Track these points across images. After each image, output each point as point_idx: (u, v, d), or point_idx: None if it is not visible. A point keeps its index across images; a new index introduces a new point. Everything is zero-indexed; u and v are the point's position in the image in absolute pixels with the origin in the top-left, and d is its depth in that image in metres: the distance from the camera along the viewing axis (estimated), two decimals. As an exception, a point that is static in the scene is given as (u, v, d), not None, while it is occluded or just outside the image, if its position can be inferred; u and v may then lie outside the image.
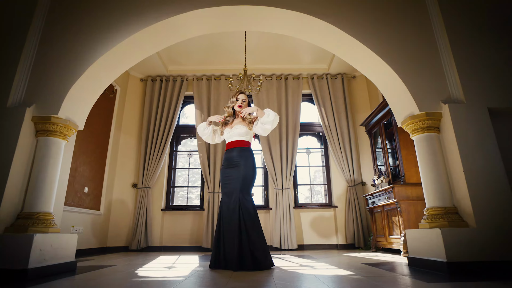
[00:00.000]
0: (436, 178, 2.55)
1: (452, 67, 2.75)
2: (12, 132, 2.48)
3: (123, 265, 3.00)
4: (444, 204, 2.48)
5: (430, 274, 2.15)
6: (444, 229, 2.27)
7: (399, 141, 3.95)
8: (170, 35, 3.12)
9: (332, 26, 2.96)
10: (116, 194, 5.32)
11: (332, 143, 5.54)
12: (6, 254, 2.17)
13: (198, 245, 5.16)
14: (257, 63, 5.89)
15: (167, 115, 5.68)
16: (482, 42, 2.81)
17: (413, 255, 2.60)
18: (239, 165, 2.79)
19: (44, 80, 2.73)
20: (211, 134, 3.03)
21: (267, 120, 2.76)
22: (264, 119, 2.77)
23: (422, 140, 2.68)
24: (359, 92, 6.02)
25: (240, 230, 2.57)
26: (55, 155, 2.63)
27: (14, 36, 2.80)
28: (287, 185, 5.32)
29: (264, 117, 2.77)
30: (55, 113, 2.63)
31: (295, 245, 5.01)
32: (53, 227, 2.48)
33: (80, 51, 2.84)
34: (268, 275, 2.27)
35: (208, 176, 5.35)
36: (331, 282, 1.94)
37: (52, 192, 2.57)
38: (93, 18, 2.97)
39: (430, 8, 3.00)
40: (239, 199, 2.67)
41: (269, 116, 2.75)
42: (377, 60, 2.88)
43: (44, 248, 2.30)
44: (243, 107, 2.97)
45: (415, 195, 3.67)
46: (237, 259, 2.48)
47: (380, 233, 4.26)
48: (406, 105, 2.81)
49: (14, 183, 2.42)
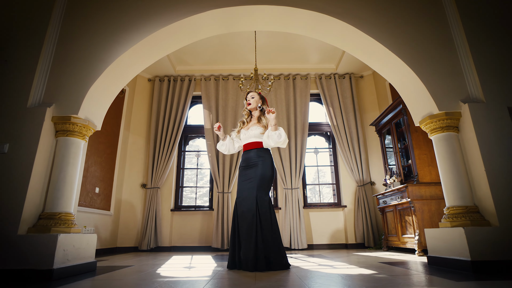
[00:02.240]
0: (456, 177, 2.56)
1: (470, 66, 2.76)
2: (33, 132, 2.47)
3: (141, 265, 3.00)
4: (465, 203, 2.49)
5: (454, 273, 2.15)
6: (467, 228, 2.27)
7: (411, 140, 3.96)
8: (186, 35, 3.12)
9: (348, 25, 2.96)
10: (125, 195, 5.31)
11: (340, 143, 5.55)
12: (30, 254, 2.17)
13: (208, 245, 5.16)
14: (265, 62, 5.89)
15: (175, 115, 5.68)
16: (500, 40, 2.82)
17: (433, 254, 2.61)
18: (257, 165, 2.79)
19: (62, 80, 2.72)
20: (231, 144, 3.05)
21: (273, 137, 2.72)
22: (272, 134, 2.73)
23: (441, 140, 2.69)
24: (367, 92, 6.03)
25: (256, 230, 2.56)
26: (74, 155, 2.62)
27: (32, 37, 2.79)
28: (296, 184, 5.33)
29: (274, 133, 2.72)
30: (75, 113, 2.62)
31: (305, 244, 5.01)
32: (74, 227, 2.48)
33: (98, 51, 2.83)
34: (292, 274, 2.27)
35: (217, 176, 5.35)
36: (358, 281, 1.94)
37: (72, 193, 2.57)
38: (110, 18, 2.97)
39: (446, 6, 3.00)
40: (257, 199, 2.66)
41: (279, 137, 2.70)
42: (395, 59, 2.89)
43: (67, 248, 2.29)
44: (251, 103, 2.99)
45: (428, 195, 3.68)
46: (252, 260, 2.47)
47: (392, 233, 4.27)
48: (425, 105, 2.81)
49: (36, 183, 2.41)
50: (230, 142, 3.05)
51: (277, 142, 2.74)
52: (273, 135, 2.73)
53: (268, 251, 2.52)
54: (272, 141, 2.75)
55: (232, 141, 3.05)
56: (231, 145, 3.05)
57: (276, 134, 2.72)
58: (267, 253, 2.52)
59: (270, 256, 2.52)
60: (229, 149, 3.05)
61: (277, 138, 2.72)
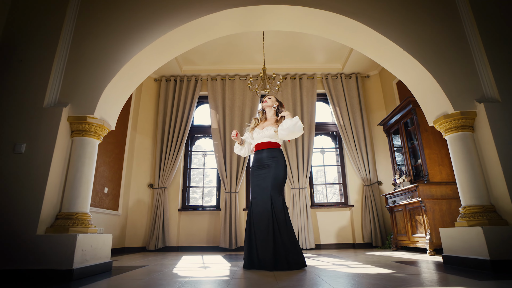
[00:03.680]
0: (472, 176, 2.56)
1: (485, 65, 2.76)
2: (50, 132, 2.47)
3: (154, 265, 3.00)
4: (481, 202, 2.49)
5: (473, 272, 2.15)
6: (485, 228, 2.28)
7: (421, 140, 3.96)
8: (200, 34, 3.12)
9: (362, 24, 2.96)
10: (133, 195, 5.30)
11: (347, 143, 5.56)
12: (50, 254, 2.17)
13: (215, 245, 5.15)
14: (272, 62, 5.89)
15: (182, 115, 5.67)
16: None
17: (449, 253, 2.61)
18: (270, 165, 2.80)
19: (77, 80, 2.72)
20: (247, 147, 3.11)
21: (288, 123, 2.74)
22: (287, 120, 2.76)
23: (456, 139, 2.69)
24: (373, 91, 6.03)
25: (273, 230, 2.58)
26: (90, 155, 2.62)
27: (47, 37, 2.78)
28: (304, 184, 5.33)
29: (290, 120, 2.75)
30: (91, 113, 2.62)
31: (313, 244, 5.02)
32: (91, 227, 2.47)
33: (113, 51, 2.83)
34: (311, 274, 2.27)
35: (225, 176, 5.34)
36: (380, 280, 1.94)
37: (88, 193, 2.56)
38: (124, 18, 2.96)
39: (459, 4, 3.00)
40: (271, 199, 2.67)
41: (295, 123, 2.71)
42: (409, 59, 2.89)
43: (85, 248, 2.29)
44: (267, 102, 3.04)
45: (439, 194, 3.69)
46: (271, 259, 2.48)
47: (401, 232, 4.27)
48: (439, 104, 2.82)
49: (53, 183, 2.41)
50: (247, 146, 3.11)
51: (290, 129, 2.71)
52: (288, 121, 2.74)
53: (286, 251, 2.54)
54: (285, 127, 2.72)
55: (249, 144, 3.09)
56: (248, 149, 3.11)
57: (293, 120, 2.73)
58: (285, 252, 2.53)
59: (288, 255, 2.53)
60: (247, 152, 3.12)
61: (292, 124, 2.71)
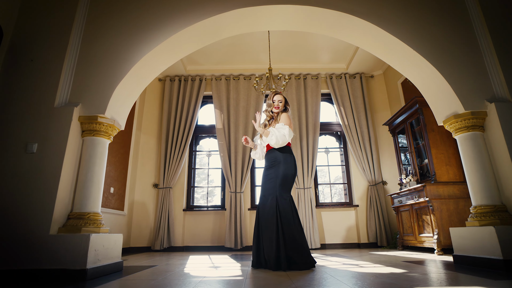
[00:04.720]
0: (483, 176, 2.57)
1: (495, 65, 2.77)
2: (61, 132, 2.46)
3: (164, 265, 2.99)
4: (493, 202, 2.50)
5: (486, 272, 2.16)
6: (498, 227, 2.28)
7: (428, 140, 3.97)
8: (208, 34, 3.12)
9: (371, 24, 2.96)
10: (138, 195, 5.30)
11: (352, 143, 5.56)
12: (63, 254, 2.16)
13: (221, 245, 5.15)
14: (276, 62, 5.89)
15: (186, 115, 5.67)
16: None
17: (459, 253, 2.62)
18: (279, 164, 2.80)
19: (88, 80, 2.71)
20: (260, 151, 3.12)
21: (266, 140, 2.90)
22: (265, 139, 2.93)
23: (467, 139, 2.70)
24: (378, 91, 6.04)
25: (277, 229, 2.56)
26: (100, 155, 2.62)
27: (57, 36, 2.78)
28: (308, 184, 5.33)
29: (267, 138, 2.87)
30: (102, 113, 2.61)
31: (318, 244, 5.02)
32: (103, 227, 2.47)
33: (123, 51, 2.82)
34: (324, 274, 2.27)
35: (230, 176, 5.34)
36: (395, 279, 1.94)
37: (99, 193, 2.56)
38: (133, 18, 2.96)
39: (469, 5, 3.01)
40: (277, 198, 2.67)
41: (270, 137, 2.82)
42: (419, 59, 2.89)
43: (98, 248, 2.29)
44: (279, 108, 2.98)
45: (446, 194, 3.69)
46: (274, 259, 2.47)
47: (407, 232, 4.28)
48: (449, 104, 2.82)
49: (65, 183, 2.41)
50: (260, 150, 3.11)
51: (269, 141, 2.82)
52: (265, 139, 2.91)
53: (291, 250, 2.51)
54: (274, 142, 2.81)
55: (262, 148, 3.08)
56: (261, 153, 3.11)
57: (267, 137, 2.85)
58: (289, 252, 2.51)
59: (293, 255, 2.51)
60: (261, 156, 3.12)
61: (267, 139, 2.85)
